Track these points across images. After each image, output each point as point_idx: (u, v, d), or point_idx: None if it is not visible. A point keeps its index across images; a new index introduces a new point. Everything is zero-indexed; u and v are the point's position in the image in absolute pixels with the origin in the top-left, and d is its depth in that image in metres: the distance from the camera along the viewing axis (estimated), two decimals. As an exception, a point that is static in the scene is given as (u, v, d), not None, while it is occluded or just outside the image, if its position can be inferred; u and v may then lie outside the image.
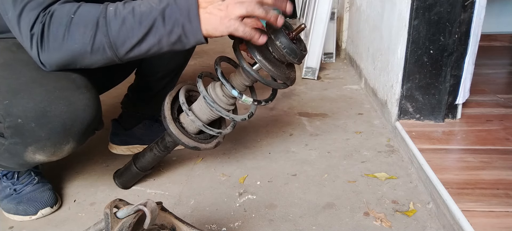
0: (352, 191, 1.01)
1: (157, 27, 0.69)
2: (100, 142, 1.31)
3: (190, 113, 0.86)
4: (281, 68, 0.80)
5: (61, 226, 0.92)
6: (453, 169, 0.99)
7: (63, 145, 0.78)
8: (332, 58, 2.39)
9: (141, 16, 0.69)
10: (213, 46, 2.85)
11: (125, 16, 0.69)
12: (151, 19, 0.69)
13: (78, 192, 1.05)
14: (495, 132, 1.19)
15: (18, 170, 0.96)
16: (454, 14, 1.14)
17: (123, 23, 0.69)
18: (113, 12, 0.70)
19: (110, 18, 0.70)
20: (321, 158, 1.19)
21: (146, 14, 0.69)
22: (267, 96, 0.92)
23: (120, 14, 0.70)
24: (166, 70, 1.16)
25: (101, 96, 0.89)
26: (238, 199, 1.00)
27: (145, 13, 0.69)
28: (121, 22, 0.69)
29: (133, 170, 1.01)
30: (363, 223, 0.89)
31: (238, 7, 0.68)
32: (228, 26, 0.69)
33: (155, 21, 0.69)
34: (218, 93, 0.86)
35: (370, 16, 1.78)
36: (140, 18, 0.69)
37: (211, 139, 0.94)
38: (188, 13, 0.69)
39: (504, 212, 0.82)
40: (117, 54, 0.72)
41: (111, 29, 0.70)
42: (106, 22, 0.70)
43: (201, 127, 0.87)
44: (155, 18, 0.69)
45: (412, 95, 1.25)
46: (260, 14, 0.69)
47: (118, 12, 0.70)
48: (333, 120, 1.48)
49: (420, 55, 1.20)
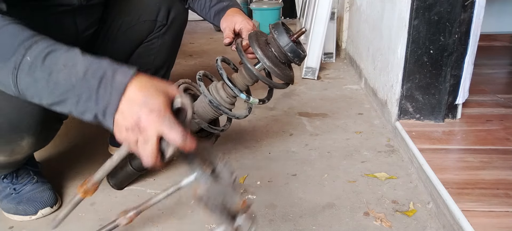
0: (352, 191, 1.01)
1: (68, 104, 0.60)
2: (100, 143, 1.31)
3: (195, 116, 0.87)
4: (283, 68, 0.81)
5: (61, 226, 0.92)
6: (453, 169, 0.99)
7: (18, 141, 0.77)
8: (332, 58, 2.39)
9: (55, 86, 0.59)
10: (213, 46, 2.86)
11: (38, 78, 0.59)
12: (64, 96, 0.59)
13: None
14: (495, 132, 1.19)
15: (2, 173, 0.95)
16: (454, 14, 1.14)
17: (33, 84, 0.59)
18: (28, 65, 0.59)
19: (22, 70, 0.59)
20: (321, 158, 1.19)
21: (61, 87, 0.59)
22: (260, 95, 0.93)
23: (33, 72, 0.59)
24: (153, 68, 1.14)
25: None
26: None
27: (60, 86, 0.59)
28: (31, 81, 0.59)
29: (129, 169, 1.01)
30: (363, 223, 0.89)
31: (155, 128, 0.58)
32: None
33: (67, 99, 0.59)
34: (222, 95, 0.87)
35: (370, 16, 1.78)
36: (53, 88, 0.59)
37: (210, 136, 0.95)
38: (104, 111, 0.59)
39: (504, 212, 0.82)
40: (27, 100, 0.64)
41: (20, 82, 0.60)
42: (17, 73, 0.59)
43: (206, 128, 0.88)
44: (68, 97, 0.59)
45: (412, 95, 1.25)
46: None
47: (33, 68, 0.59)
48: (333, 120, 1.48)
49: (420, 55, 1.20)
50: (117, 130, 0.59)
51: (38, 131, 0.79)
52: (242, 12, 1.02)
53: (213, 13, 1.05)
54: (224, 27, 0.99)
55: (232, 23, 0.97)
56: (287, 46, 0.78)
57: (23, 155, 0.81)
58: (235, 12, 1.00)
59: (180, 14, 1.10)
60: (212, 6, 1.06)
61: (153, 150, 0.57)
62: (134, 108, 0.57)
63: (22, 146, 0.78)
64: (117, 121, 0.58)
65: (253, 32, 0.84)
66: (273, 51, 0.80)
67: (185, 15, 1.14)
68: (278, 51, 0.80)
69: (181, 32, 1.15)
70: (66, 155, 1.26)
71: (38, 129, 0.78)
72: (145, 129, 0.57)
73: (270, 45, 0.81)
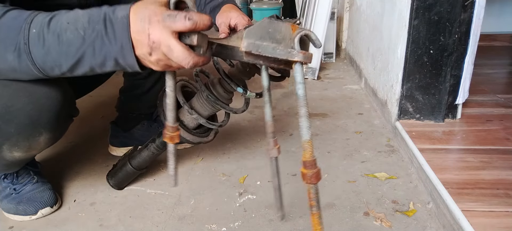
0: (352, 191, 1.01)
1: (86, 59, 0.62)
2: (100, 143, 1.32)
3: (193, 112, 0.87)
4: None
5: (61, 226, 0.92)
6: (453, 169, 0.99)
7: (36, 137, 0.78)
8: (332, 58, 2.39)
9: (68, 46, 0.60)
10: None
11: (49, 44, 0.60)
12: (80, 52, 0.61)
13: (78, 192, 1.05)
14: (495, 132, 1.19)
15: (10, 171, 0.96)
16: (454, 14, 1.14)
17: (47, 53, 0.61)
18: (36, 36, 0.60)
19: (33, 43, 0.61)
20: (321, 158, 1.19)
21: (73, 44, 0.60)
22: (258, 89, 0.93)
23: (43, 41, 0.61)
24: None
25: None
26: (238, 199, 1.00)
27: (72, 43, 0.60)
28: (45, 51, 0.61)
29: (128, 169, 1.01)
30: (363, 223, 0.89)
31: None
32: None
33: (84, 54, 0.61)
34: (219, 91, 0.87)
35: (370, 16, 1.78)
36: (67, 49, 0.60)
37: (209, 131, 0.95)
38: (122, 49, 0.60)
39: (504, 212, 0.82)
40: (51, 75, 0.66)
41: (36, 57, 0.62)
42: (29, 49, 0.61)
43: (204, 124, 0.89)
44: (84, 51, 0.61)
45: (412, 95, 1.25)
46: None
47: (41, 37, 0.60)
48: (333, 120, 1.48)
49: (420, 55, 1.20)
50: (147, 63, 0.61)
51: (55, 127, 0.80)
52: (237, 7, 1.02)
53: (208, 10, 1.05)
54: (219, 23, 0.99)
55: (227, 18, 0.97)
56: None
57: (38, 151, 0.82)
58: (230, 8, 1.00)
59: None
60: (207, 3, 1.06)
61: (181, 50, 0.58)
62: (140, 34, 0.59)
63: (39, 142, 0.79)
64: (138, 54, 0.61)
65: (247, 27, 0.84)
66: None
67: None
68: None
69: None
70: (66, 155, 1.26)
71: (55, 124, 0.79)
72: (159, 40, 0.58)
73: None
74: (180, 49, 0.58)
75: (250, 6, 3.46)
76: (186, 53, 0.59)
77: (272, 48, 0.62)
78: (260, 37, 0.63)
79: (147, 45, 0.59)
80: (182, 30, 0.58)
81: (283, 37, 0.63)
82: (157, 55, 0.60)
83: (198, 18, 0.57)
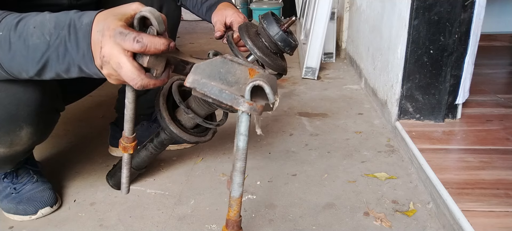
0: (352, 191, 1.01)
1: (52, 65, 0.60)
2: (100, 143, 1.32)
3: (189, 111, 0.87)
4: (274, 59, 0.81)
5: (61, 226, 0.92)
6: (453, 169, 0.99)
7: (17, 131, 0.77)
8: (332, 58, 2.39)
9: (34, 51, 0.59)
10: (214, 46, 2.86)
11: (16, 49, 0.59)
12: (45, 57, 0.59)
13: (78, 192, 1.05)
14: (495, 132, 1.19)
15: (2, 170, 0.95)
16: (454, 14, 1.14)
17: (13, 57, 0.60)
18: (2, 40, 0.59)
19: (0, 48, 0.59)
20: (321, 158, 1.19)
21: (39, 49, 0.59)
22: None
23: (9, 44, 0.59)
24: None
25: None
26: (238, 199, 1.00)
27: (38, 48, 0.59)
28: (11, 56, 0.60)
29: None
30: (363, 223, 0.89)
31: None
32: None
33: (49, 59, 0.60)
34: None
35: (370, 16, 1.78)
36: (33, 54, 0.59)
37: (207, 131, 0.95)
38: (83, 57, 0.59)
39: (504, 212, 0.82)
40: (20, 78, 0.65)
41: (2, 60, 0.60)
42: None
43: (201, 123, 0.88)
44: (49, 57, 0.59)
45: (412, 95, 1.25)
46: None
47: (7, 40, 0.59)
48: (333, 120, 1.48)
49: (420, 55, 1.20)
50: (104, 73, 0.59)
51: (35, 121, 0.79)
52: (233, 5, 1.02)
53: (205, 9, 1.05)
54: (215, 21, 0.99)
55: (223, 16, 0.97)
56: (277, 35, 0.77)
57: (23, 147, 0.81)
58: (226, 6, 1.00)
59: (172, 11, 1.09)
60: (203, 2, 1.05)
61: (130, 69, 0.56)
62: (95, 45, 0.57)
63: (21, 136, 0.79)
64: (96, 64, 0.58)
65: (243, 24, 0.83)
66: (263, 41, 0.79)
67: (178, 12, 1.14)
68: (268, 41, 0.79)
69: (174, 30, 1.15)
70: (66, 155, 1.26)
71: (35, 119, 0.79)
72: (109, 55, 0.56)
73: (260, 36, 0.80)
74: (130, 69, 0.57)
75: (250, 6, 3.46)
76: (136, 73, 0.57)
77: (218, 90, 0.57)
78: (209, 76, 0.58)
79: (99, 57, 0.57)
80: (131, 50, 0.56)
81: (236, 81, 0.59)
82: (107, 69, 0.58)
83: (148, 42, 0.56)
